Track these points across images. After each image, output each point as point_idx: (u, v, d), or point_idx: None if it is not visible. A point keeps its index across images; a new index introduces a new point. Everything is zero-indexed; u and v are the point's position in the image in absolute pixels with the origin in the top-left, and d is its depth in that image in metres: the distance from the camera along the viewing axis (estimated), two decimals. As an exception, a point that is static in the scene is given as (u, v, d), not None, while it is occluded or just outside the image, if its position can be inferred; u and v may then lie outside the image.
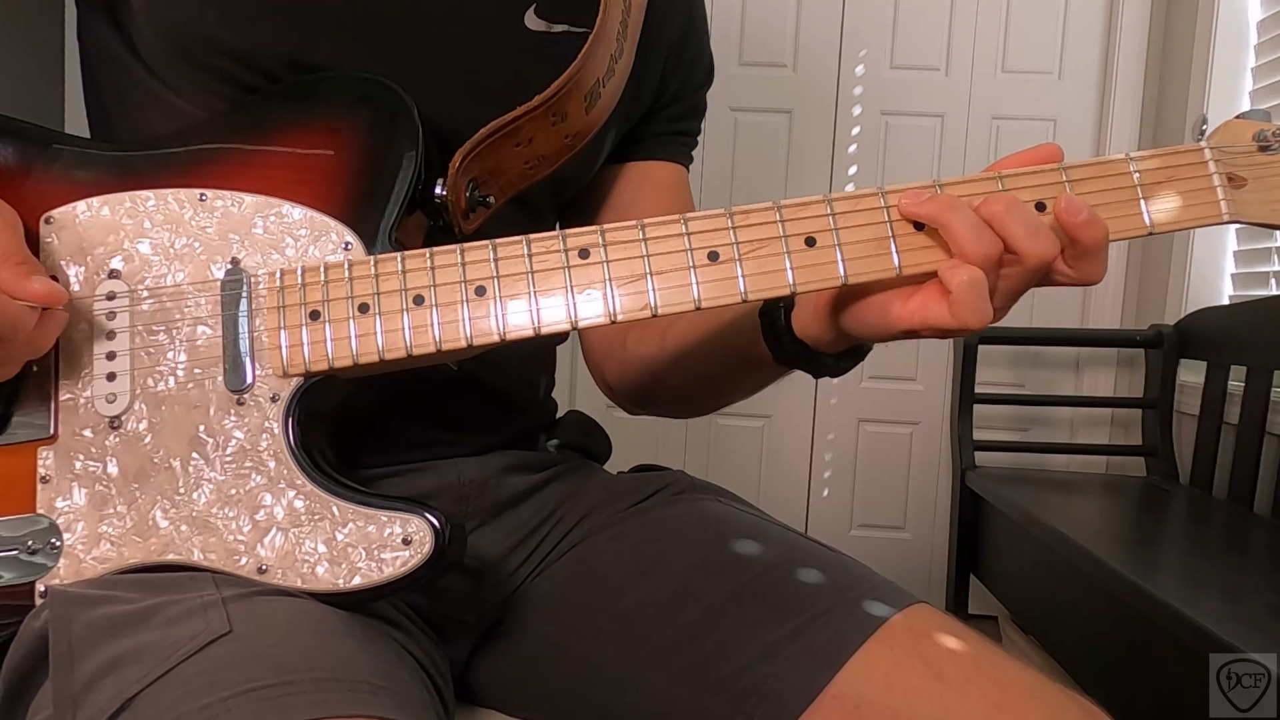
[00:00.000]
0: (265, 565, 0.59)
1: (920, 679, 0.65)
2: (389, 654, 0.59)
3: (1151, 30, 2.68)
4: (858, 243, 0.60)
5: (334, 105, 0.68)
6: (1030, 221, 0.58)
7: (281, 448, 0.60)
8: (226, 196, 0.64)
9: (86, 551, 0.60)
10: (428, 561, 0.58)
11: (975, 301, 0.57)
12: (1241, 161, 0.62)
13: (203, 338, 0.62)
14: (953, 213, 0.58)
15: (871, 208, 0.60)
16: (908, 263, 0.60)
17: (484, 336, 0.60)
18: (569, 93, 0.73)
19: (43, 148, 0.66)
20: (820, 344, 0.69)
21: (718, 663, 0.69)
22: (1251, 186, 0.62)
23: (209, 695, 0.50)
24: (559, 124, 0.74)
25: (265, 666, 0.52)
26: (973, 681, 0.64)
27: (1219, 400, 2.20)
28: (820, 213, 0.60)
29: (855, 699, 0.65)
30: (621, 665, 0.73)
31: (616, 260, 0.60)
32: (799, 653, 0.68)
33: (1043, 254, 0.58)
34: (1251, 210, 0.62)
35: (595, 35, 0.74)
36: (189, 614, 0.56)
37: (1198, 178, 0.61)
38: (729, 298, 0.60)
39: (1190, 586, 1.49)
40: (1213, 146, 0.62)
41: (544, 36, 0.77)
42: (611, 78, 0.78)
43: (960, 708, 0.63)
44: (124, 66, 0.74)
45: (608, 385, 0.95)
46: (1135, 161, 0.61)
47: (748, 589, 0.73)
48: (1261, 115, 0.64)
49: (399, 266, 0.61)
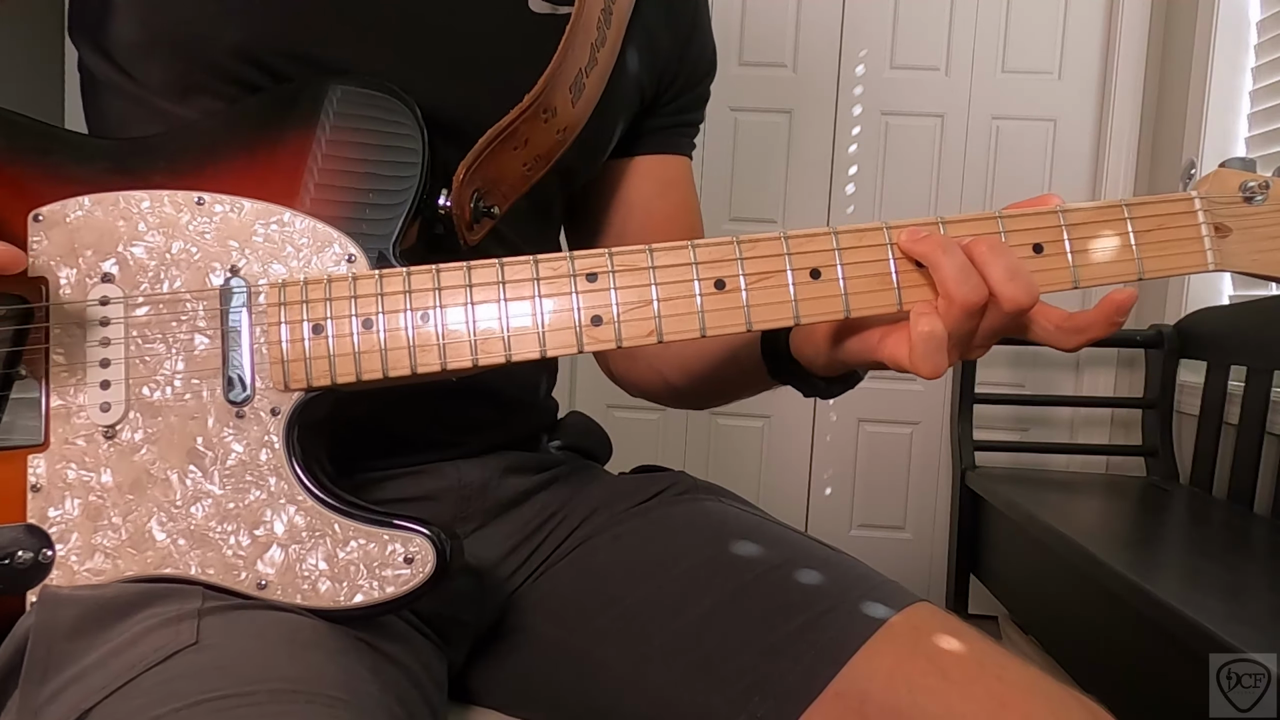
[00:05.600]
0: (265, 581, 0.59)
1: (924, 676, 0.65)
2: (361, 666, 0.58)
3: (1151, 30, 2.68)
4: (861, 277, 0.61)
5: (338, 112, 0.66)
6: (1011, 265, 0.59)
7: (282, 462, 0.60)
8: (226, 201, 0.63)
9: (80, 563, 0.59)
10: (429, 580, 0.58)
11: (929, 353, 0.59)
12: (1226, 212, 0.64)
13: (201, 347, 0.61)
14: (944, 254, 0.59)
15: (875, 243, 0.61)
16: (910, 299, 0.61)
17: (490, 356, 0.60)
18: (555, 86, 0.73)
19: (33, 139, 0.64)
20: (814, 366, 0.71)
21: (720, 662, 0.69)
22: (1236, 236, 0.64)
23: (162, 706, 0.49)
24: (550, 119, 0.74)
25: (225, 677, 0.51)
26: (976, 679, 0.65)
27: (1219, 400, 2.20)
28: (826, 246, 0.61)
29: (859, 696, 0.65)
30: (624, 665, 0.73)
31: (624, 286, 0.60)
32: (802, 651, 0.68)
33: (1017, 298, 0.59)
34: (1236, 260, 0.64)
35: (573, 24, 0.74)
36: (162, 625, 0.55)
37: (1186, 227, 0.63)
38: (734, 327, 0.60)
39: (1190, 586, 1.49)
40: (1201, 196, 0.64)
41: (550, 19, 0.76)
42: (594, 67, 0.77)
43: (964, 705, 0.63)
44: (125, 93, 0.72)
45: (610, 372, 0.97)
46: (1129, 208, 0.63)
47: (750, 589, 0.73)
48: (1247, 165, 0.66)
49: (404, 284, 0.60)
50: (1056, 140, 2.78)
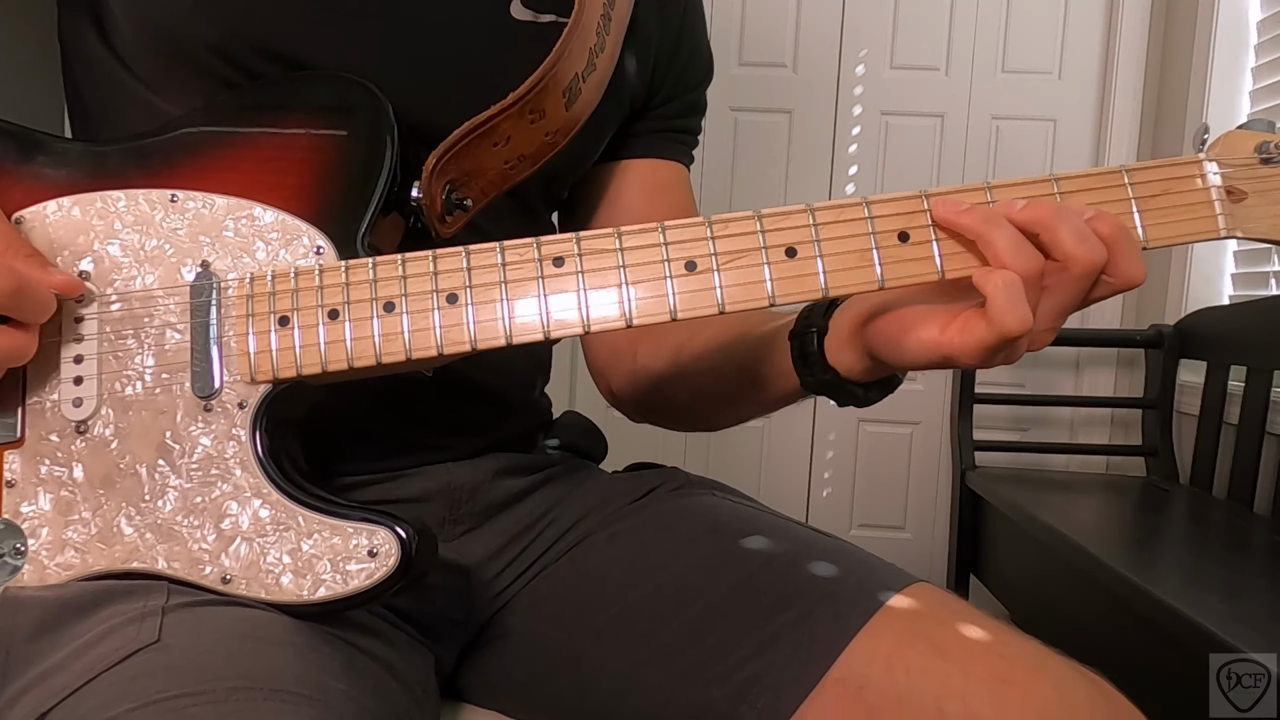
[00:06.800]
0: (229, 575, 0.58)
1: (924, 658, 0.64)
2: (333, 662, 0.58)
3: (1151, 30, 2.67)
4: (840, 254, 0.59)
5: (309, 105, 0.66)
6: (1079, 227, 0.56)
7: (248, 455, 0.59)
8: (198, 198, 0.63)
9: (51, 558, 0.59)
10: (393, 574, 0.57)
11: (1013, 302, 0.55)
12: (1242, 174, 0.60)
13: (171, 342, 0.61)
14: (993, 226, 0.57)
15: (855, 218, 0.59)
16: (890, 275, 0.59)
17: (455, 345, 0.59)
18: (545, 89, 0.71)
19: (15, 144, 0.65)
20: (852, 372, 0.68)
21: (719, 657, 0.69)
22: (1252, 200, 0.60)
23: (117, 707, 0.49)
24: (538, 121, 0.73)
25: (183, 676, 0.51)
26: (976, 657, 0.64)
27: (1219, 400, 2.20)
28: (802, 223, 0.59)
29: (858, 682, 0.65)
30: (622, 665, 0.72)
31: (591, 270, 0.59)
32: (799, 641, 0.67)
33: (1094, 259, 0.56)
34: (1251, 225, 0.60)
35: (570, 29, 0.73)
36: (125, 624, 0.55)
37: (1194, 190, 0.60)
38: (706, 309, 0.59)
39: (1190, 586, 1.49)
40: (1212, 159, 0.60)
41: (531, 27, 0.76)
42: (593, 72, 0.76)
43: (965, 684, 0.63)
44: (105, 68, 0.73)
45: (612, 393, 0.93)
46: (1130, 174, 0.60)
47: (747, 583, 0.72)
48: (1264, 126, 0.62)
49: (370, 273, 0.60)
50: (1056, 140, 2.77)
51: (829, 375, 0.68)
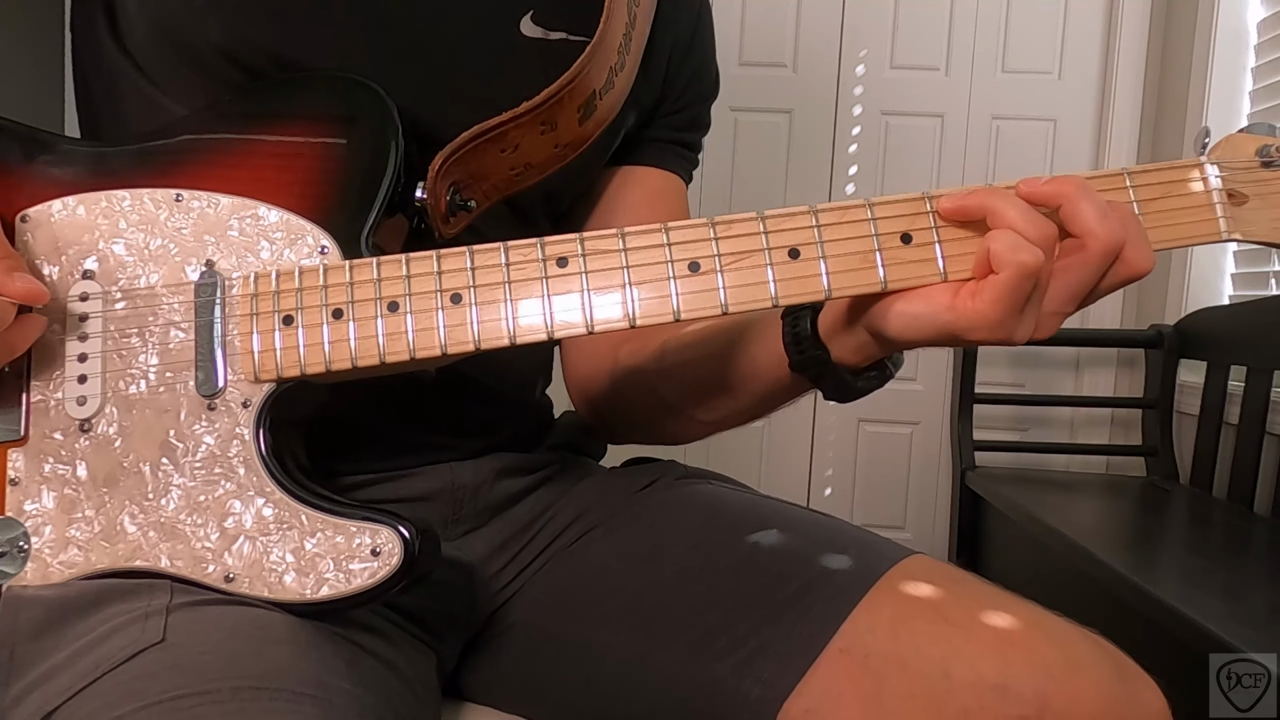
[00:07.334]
0: (232, 574, 0.59)
1: (927, 623, 0.65)
2: (337, 660, 0.58)
3: (1151, 30, 2.67)
4: (843, 255, 0.59)
5: (314, 105, 0.67)
6: (1102, 204, 0.56)
7: (252, 454, 0.59)
8: (203, 197, 0.63)
9: (54, 556, 0.59)
10: (396, 573, 0.57)
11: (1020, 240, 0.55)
12: (1243, 177, 0.60)
13: (175, 341, 0.61)
14: (1000, 199, 0.56)
15: (858, 220, 0.59)
16: (893, 277, 0.59)
17: (459, 345, 0.59)
18: (560, 102, 0.71)
19: (21, 144, 0.65)
20: (846, 352, 0.66)
21: (722, 633, 0.69)
22: (1253, 204, 0.60)
23: (123, 707, 0.49)
24: (548, 133, 0.73)
25: (188, 675, 0.51)
26: (979, 620, 0.64)
27: (1219, 400, 2.20)
28: (805, 224, 0.59)
29: (862, 650, 0.65)
30: (626, 650, 0.73)
31: (595, 270, 0.59)
32: (801, 613, 0.68)
33: (1115, 236, 0.55)
34: (1252, 228, 0.60)
35: (594, 45, 0.73)
36: (129, 624, 0.55)
37: (1195, 193, 0.60)
38: (709, 309, 0.59)
39: (1190, 586, 1.49)
40: (1213, 162, 0.60)
41: (540, 44, 0.76)
42: (610, 90, 0.76)
43: (968, 646, 0.63)
44: (115, 65, 0.73)
45: (593, 410, 0.91)
46: (1132, 176, 0.60)
47: (748, 562, 0.73)
48: (1265, 129, 0.62)
49: (374, 273, 0.60)
50: (1056, 140, 2.77)
51: (819, 351, 0.67)
